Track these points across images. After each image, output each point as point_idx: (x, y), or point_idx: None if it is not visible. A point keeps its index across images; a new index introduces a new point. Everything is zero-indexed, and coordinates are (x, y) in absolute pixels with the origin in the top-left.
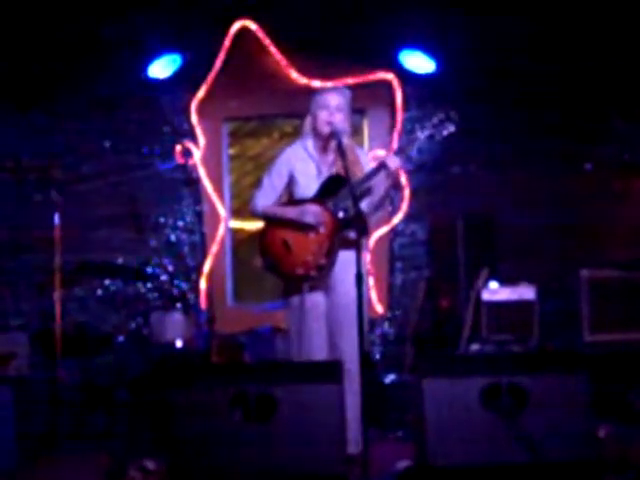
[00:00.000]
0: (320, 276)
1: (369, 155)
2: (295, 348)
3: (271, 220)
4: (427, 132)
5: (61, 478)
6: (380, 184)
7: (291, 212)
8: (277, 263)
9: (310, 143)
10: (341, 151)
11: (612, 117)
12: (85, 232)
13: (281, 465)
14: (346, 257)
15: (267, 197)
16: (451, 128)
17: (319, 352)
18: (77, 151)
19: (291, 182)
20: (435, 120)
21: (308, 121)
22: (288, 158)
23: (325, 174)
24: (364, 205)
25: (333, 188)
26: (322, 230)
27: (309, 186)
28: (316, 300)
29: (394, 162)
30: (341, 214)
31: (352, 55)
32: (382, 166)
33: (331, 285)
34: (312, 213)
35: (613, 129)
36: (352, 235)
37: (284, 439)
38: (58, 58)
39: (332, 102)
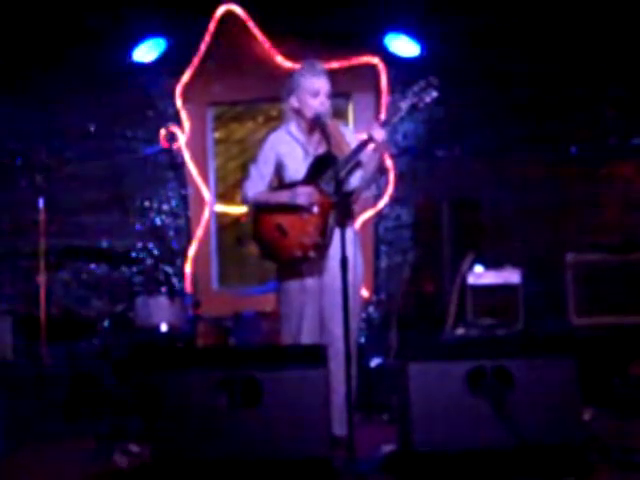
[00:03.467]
0: (318, 256)
1: (356, 136)
2: (287, 332)
3: (263, 207)
4: (409, 101)
5: (46, 462)
6: (370, 159)
7: (283, 196)
8: (274, 249)
9: (294, 126)
10: (326, 135)
11: (601, 103)
12: (70, 216)
13: (267, 448)
14: (339, 239)
15: (256, 186)
16: (433, 94)
17: (312, 336)
18: (62, 135)
19: (279, 167)
20: (416, 88)
21: (293, 103)
22: (273, 144)
23: (312, 155)
24: (356, 179)
25: (322, 167)
26: (315, 210)
27: (298, 169)
28: (311, 283)
29: (379, 133)
30: (332, 192)
31: (337, 39)
32: (368, 138)
33: (324, 268)
34: (304, 194)
35: (601, 114)
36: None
37: (270, 422)
38: (43, 42)
39: (323, 89)
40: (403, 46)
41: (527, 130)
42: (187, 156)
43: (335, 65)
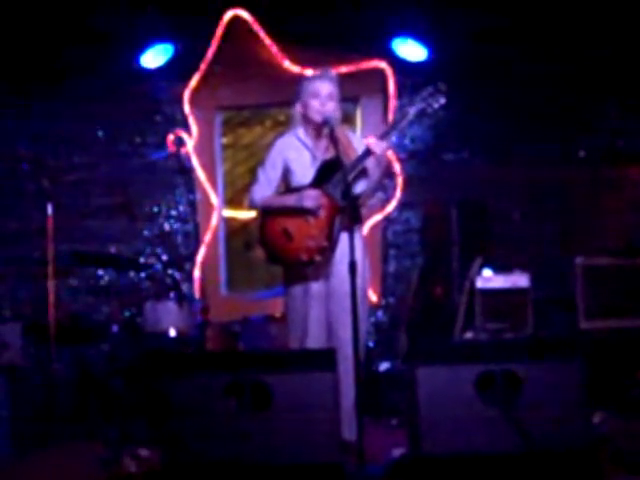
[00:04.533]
0: (324, 259)
1: (363, 142)
2: (294, 336)
3: (270, 211)
4: (418, 106)
5: (55, 467)
6: (374, 169)
7: (289, 199)
8: (280, 253)
9: (301, 131)
10: (334, 139)
11: (607, 106)
12: (78, 222)
13: (276, 453)
14: (346, 243)
15: (264, 190)
16: (441, 100)
17: (318, 340)
18: (69, 140)
19: (286, 172)
20: (424, 93)
21: (298, 108)
22: (281, 149)
23: (319, 159)
24: (361, 187)
25: (329, 172)
26: (321, 214)
27: (305, 174)
28: (317, 287)
29: (379, 147)
30: (339, 196)
31: (345, 44)
32: (368, 152)
33: (331, 272)
34: (311, 197)
35: (607, 117)
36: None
37: (279, 427)
38: (51, 48)
39: (323, 91)
40: (410, 50)
41: (535, 134)
42: (195, 161)
43: (343, 69)
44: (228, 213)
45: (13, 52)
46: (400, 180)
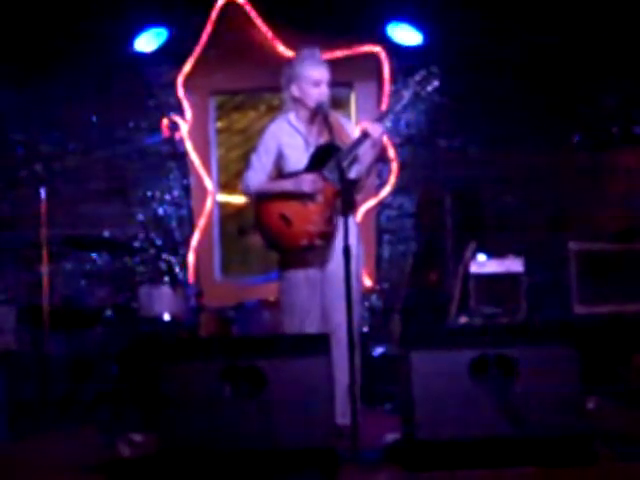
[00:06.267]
0: (325, 244)
1: (356, 126)
2: (288, 321)
3: (265, 197)
4: (411, 90)
5: (49, 452)
6: (366, 153)
7: (287, 184)
8: (278, 238)
9: (293, 116)
10: (328, 124)
11: (603, 92)
12: (72, 206)
13: (270, 438)
14: (341, 228)
15: (258, 176)
16: (435, 83)
17: (312, 324)
18: (63, 125)
19: (280, 157)
20: (418, 77)
21: (293, 92)
22: (274, 134)
23: (313, 145)
24: (353, 173)
25: (323, 157)
26: (320, 198)
27: (298, 159)
28: (312, 272)
29: (376, 130)
30: (336, 181)
31: (339, 28)
32: (365, 135)
33: (327, 257)
34: (309, 181)
35: (602, 103)
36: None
37: (273, 412)
38: (44, 33)
39: (323, 78)
40: (405, 35)
41: (529, 119)
42: (189, 146)
43: (337, 54)
44: (222, 198)
45: (4, 37)
46: (394, 165)
